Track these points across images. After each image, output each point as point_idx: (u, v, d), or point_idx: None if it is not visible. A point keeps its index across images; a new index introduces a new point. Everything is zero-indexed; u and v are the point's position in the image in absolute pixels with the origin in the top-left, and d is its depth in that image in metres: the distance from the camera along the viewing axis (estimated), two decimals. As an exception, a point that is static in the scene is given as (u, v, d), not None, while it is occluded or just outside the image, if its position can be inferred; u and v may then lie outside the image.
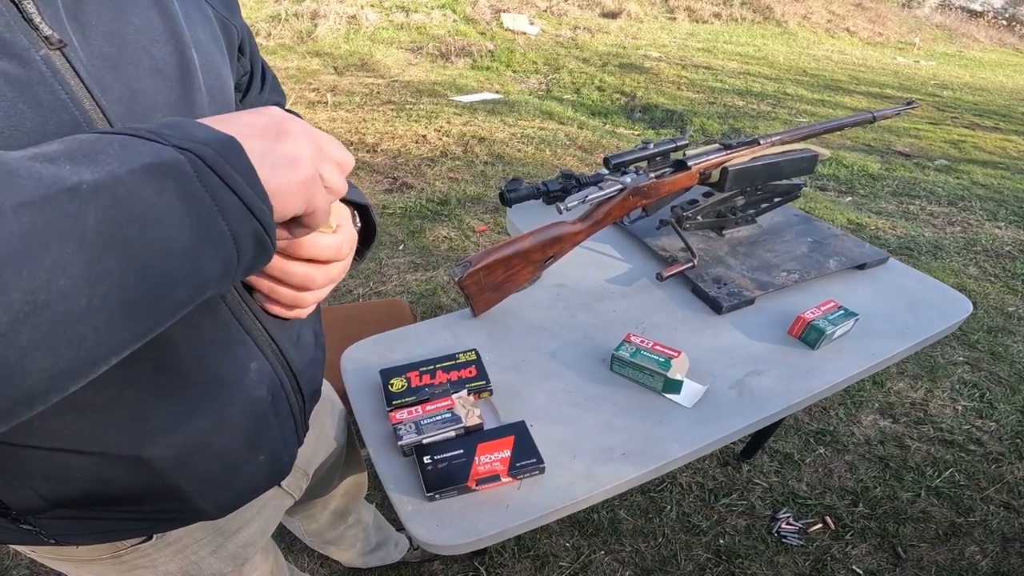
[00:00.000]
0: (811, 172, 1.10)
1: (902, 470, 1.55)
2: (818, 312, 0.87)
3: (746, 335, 0.87)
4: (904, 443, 1.62)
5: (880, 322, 0.92)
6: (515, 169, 3.25)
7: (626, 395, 0.76)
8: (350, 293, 2.18)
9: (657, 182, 0.94)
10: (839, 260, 1.04)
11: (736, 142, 1.02)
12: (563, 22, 7.72)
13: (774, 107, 5.04)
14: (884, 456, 1.58)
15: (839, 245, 1.09)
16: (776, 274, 0.99)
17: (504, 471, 0.63)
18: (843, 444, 1.61)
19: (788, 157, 1.03)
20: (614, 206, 0.90)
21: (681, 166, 0.97)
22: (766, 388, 0.78)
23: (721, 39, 8.08)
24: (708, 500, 1.46)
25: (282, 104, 0.62)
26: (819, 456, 1.58)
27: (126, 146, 0.25)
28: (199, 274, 0.28)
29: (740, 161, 1.00)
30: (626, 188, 0.89)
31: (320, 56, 6.08)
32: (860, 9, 10.69)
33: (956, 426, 1.69)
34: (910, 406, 1.76)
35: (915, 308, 0.96)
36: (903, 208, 3.14)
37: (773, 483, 1.51)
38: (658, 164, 0.96)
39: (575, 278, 0.98)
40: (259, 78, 0.57)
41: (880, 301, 0.97)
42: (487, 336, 0.85)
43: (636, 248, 1.08)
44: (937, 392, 1.81)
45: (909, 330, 0.91)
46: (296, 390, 0.53)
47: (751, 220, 1.14)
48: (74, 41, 0.33)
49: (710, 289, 0.93)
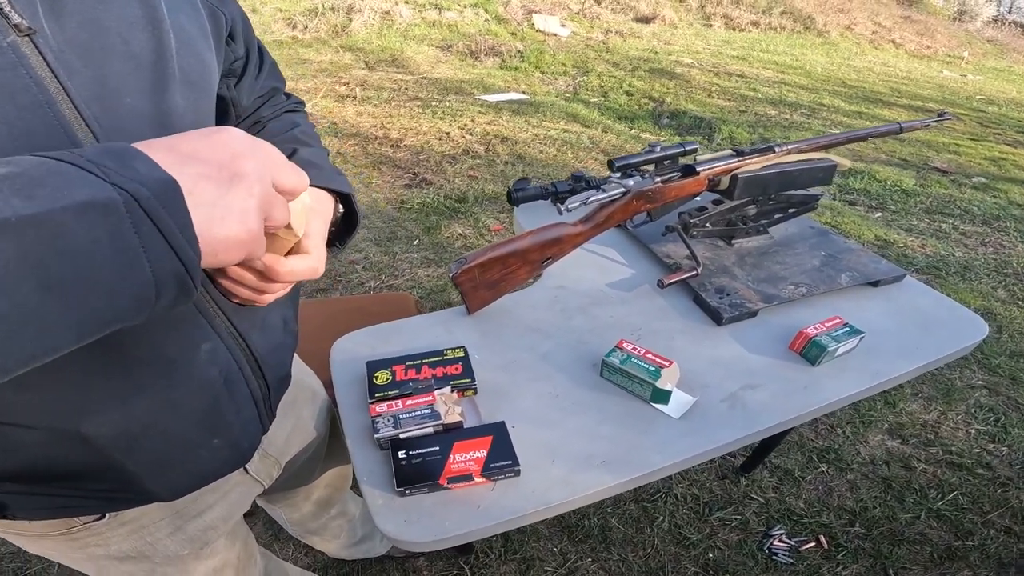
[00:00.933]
0: (829, 183, 1.06)
1: (904, 491, 1.51)
2: (821, 328, 0.84)
3: (745, 348, 0.84)
4: (910, 464, 1.58)
5: (888, 341, 0.88)
6: (535, 170, 3.23)
7: (614, 402, 0.74)
8: (362, 285, 2.20)
9: (663, 187, 0.92)
10: (852, 276, 1.00)
11: (749, 149, 1.00)
12: (595, 25, 7.67)
13: (808, 117, 4.92)
14: (888, 477, 1.54)
15: (853, 260, 1.05)
16: (783, 287, 0.95)
17: (478, 471, 0.63)
18: (847, 463, 1.58)
19: (803, 166, 1.00)
20: (617, 209, 0.88)
21: (689, 171, 0.95)
22: (760, 403, 0.76)
23: (757, 47, 7.92)
24: (702, 512, 1.43)
25: (280, 89, 0.62)
26: (820, 474, 1.54)
27: (66, 180, 0.26)
28: (114, 308, 0.28)
29: (751, 168, 0.97)
30: (629, 191, 0.87)
31: (353, 51, 6.18)
32: (908, 21, 10.37)
33: (966, 449, 1.65)
34: (921, 427, 1.71)
35: (927, 329, 0.92)
36: (935, 226, 3.03)
37: (770, 498, 1.47)
38: (665, 168, 0.94)
39: (575, 280, 0.97)
40: (255, 63, 0.57)
41: (891, 319, 0.93)
42: (480, 334, 0.84)
43: (640, 253, 1.06)
44: (951, 415, 1.76)
45: (917, 351, 0.87)
46: (258, 375, 0.53)
47: (762, 230, 1.11)
48: (46, 28, 0.34)
49: (712, 299, 0.90)
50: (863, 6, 10.61)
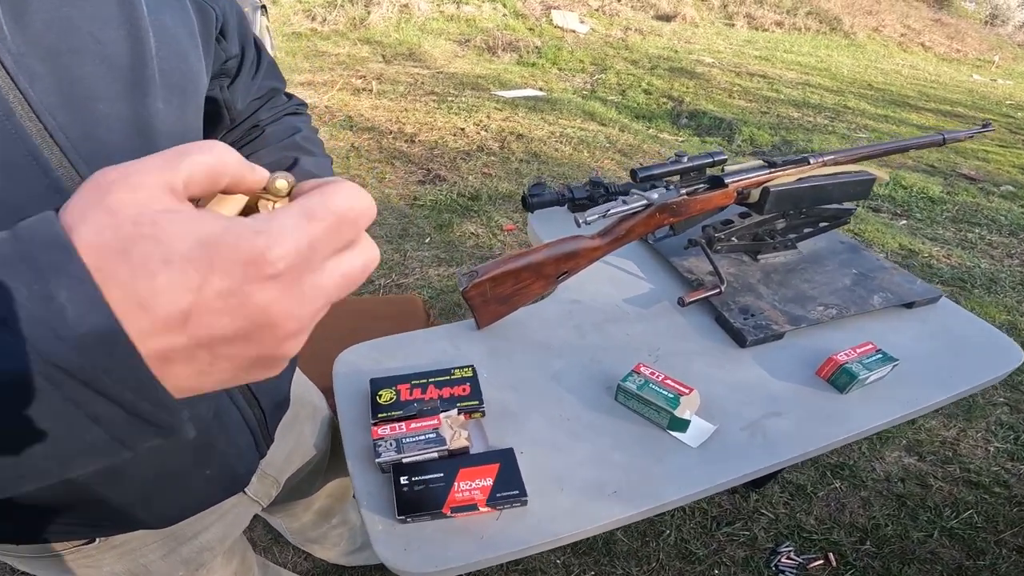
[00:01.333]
0: (865, 197, 1.01)
1: (919, 509, 1.47)
2: (853, 354, 0.79)
3: (769, 372, 0.80)
4: (927, 482, 1.54)
5: (920, 367, 0.83)
6: (550, 169, 3.18)
7: (628, 428, 0.70)
8: (371, 283, 2.17)
9: (688, 199, 0.87)
10: (885, 297, 0.95)
11: (782, 160, 0.94)
12: (614, 22, 7.57)
13: (832, 120, 4.80)
14: (902, 494, 1.50)
15: (887, 280, 0.99)
16: (811, 308, 0.90)
17: (483, 500, 0.59)
18: (861, 480, 1.53)
19: (839, 180, 0.94)
20: (638, 222, 0.84)
21: (717, 183, 0.90)
22: (782, 432, 0.71)
23: (781, 48, 7.77)
24: (709, 527, 1.39)
25: (280, 90, 0.58)
26: (833, 490, 1.50)
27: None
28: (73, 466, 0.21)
29: (784, 182, 0.92)
30: (652, 204, 0.82)
31: (370, 44, 6.15)
32: (939, 24, 10.12)
33: (985, 467, 1.60)
34: (939, 444, 1.66)
35: (960, 354, 0.86)
36: (961, 236, 2.93)
37: (780, 514, 1.43)
38: (691, 179, 0.89)
39: (591, 295, 0.93)
40: (252, 62, 0.53)
41: (924, 344, 0.88)
42: (489, 351, 0.80)
43: (660, 266, 1.01)
44: (971, 432, 1.71)
45: (951, 379, 0.82)
46: (253, 403, 0.49)
47: (791, 245, 1.05)
48: (4, 30, 0.30)
49: (735, 319, 0.85)
50: (892, 8, 10.38)
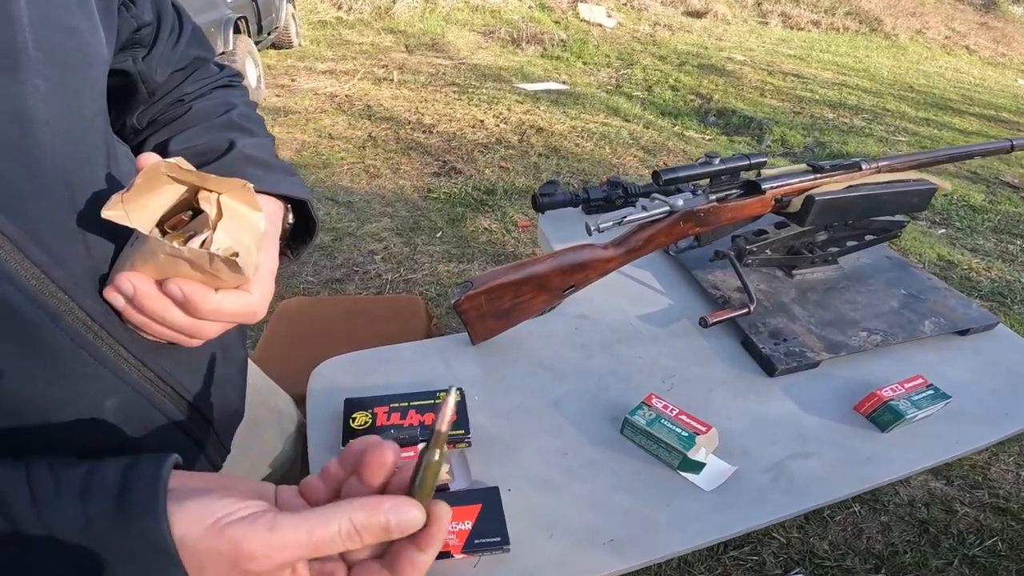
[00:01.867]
0: (923, 209, 0.89)
1: (941, 536, 1.36)
2: (900, 390, 0.68)
3: (800, 406, 0.70)
4: (952, 508, 1.44)
5: (973, 403, 0.72)
6: (570, 164, 3.08)
7: (633, 466, 0.61)
8: (379, 277, 2.11)
9: (718, 207, 0.77)
10: (937, 323, 0.83)
11: (830, 164, 0.83)
12: (643, 17, 7.38)
13: (869, 122, 4.58)
14: (925, 520, 1.40)
15: (940, 303, 0.88)
16: (853, 333, 0.79)
17: (458, 547, 0.51)
18: (883, 504, 1.43)
19: (895, 189, 0.83)
20: (659, 231, 0.74)
21: (753, 189, 0.79)
22: (810, 475, 0.62)
23: (817, 47, 7.49)
24: (716, 550, 1.30)
25: (207, 60, 0.50)
26: (852, 514, 1.40)
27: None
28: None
29: (831, 189, 0.81)
30: (676, 211, 0.73)
31: (394, 33, 6.09)
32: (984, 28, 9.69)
33: (1015, 492, 1.49)
34: (969, 468, 1.55)
35: (1018, 390, 0.75)
36: (1002, 247, 2.76)
37: (792, 539, 1.33)
38: (723, 184, 0.79)
39: (601, 310, 0.83)
40: (171, 30, 0.46)
41: (978, 376, 0.77)
42: (483, 370, 0.72)
43: (681, 280, 0.91)
44: (1003, 456, 1.60)
45: (1007, 417, 0.72)
46: (196, 418, 0.42)
47: (831, 260, 0.94)
48: None
49: (764, 345, 0.75)
50: (937, 10, 9.98)
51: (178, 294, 0.33)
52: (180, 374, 0.41)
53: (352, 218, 2.45)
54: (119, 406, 0.37)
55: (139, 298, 0.33)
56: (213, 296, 0.35)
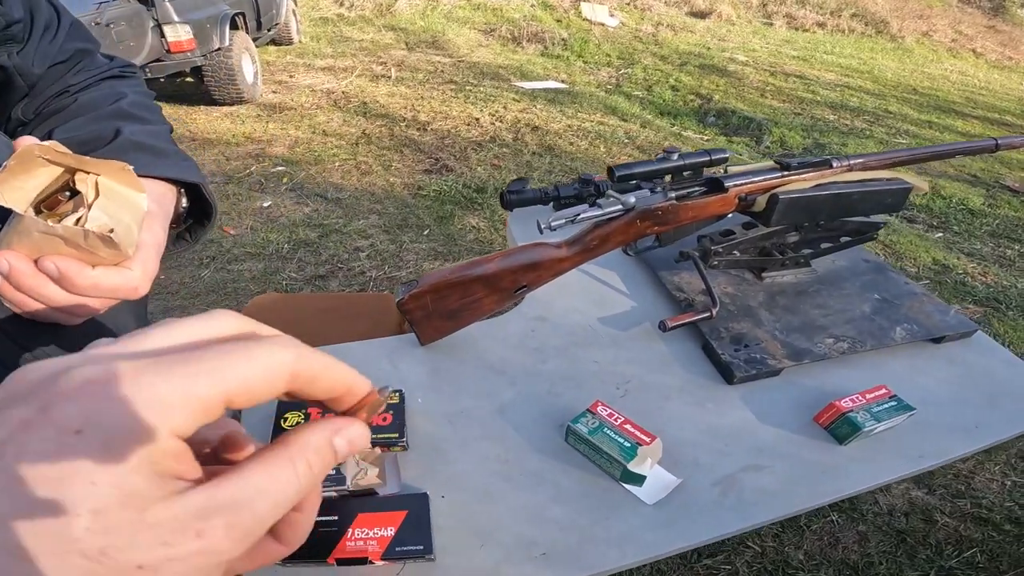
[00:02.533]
0: (899, 209, 0.86)
1: (919, 546, 1.33)
2: (860, 400, 0.66)
3: (757, 416, 0.67)
4: (932, 517, 1.41)
5: (942, 414, 0.69)
6: (563, 163, 3.05)
7: (575, 476, 0.59)
8: (363, 275, 2.09)
9: (677, 205, 0.74)
10: (910, 329, 0.80)
11: (798, 162, 0.80)
12: (645, 17, 7.33)
13: (871, 124, 4.53)
14: (904, 530, 1.37)
15: (915, 308, 0.84)
16: (819, 340, 0.76)
17: (377, 553, 0.49)
18: (861, 513, 1.40)
19: (867, 188, 0.80)
20: (615, 230, 0.71)
21: (716, 186, 0.76)
22: (762, 489, 0.59)
23: (821, 49, 7.42)
24: (689, 558, 1.27)
25: (91, 52, 0.50)
26: (829, 523, 1.37)
27: None
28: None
29: (797, 188, 0.78)
30: (630, 210, 0.70)
31: (395, 30, 6.08)
32: (992, 31, 9.60)
33: (997, 503, 1.46)
34: (953, 477, 1.52)
35: (995, 401, 0.72)
36: (999, 252, 2.71)
37: (767, 548, 1.30)
38: (685, 181, 0.76)
39: (561, 310, 0.81)
40: (45, 25, 0.46)
41: (951, 387, 0.74)
42: (430, 372, 0.69)
43: (647, 281, 0.88)
44: (988, 465, 1.56)
45: (977, 429, 0.69)
46: None
47: (803, 263, 0.91)
48: None
49: (725, 351, 0.72)
50: (945, 13, 9.90)
51: (53, 270, 0.33)
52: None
53: (340, 214, 2.43)
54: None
55: (15, 275, 0.33)
56: (90, 272, 0.34)
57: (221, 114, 3.56)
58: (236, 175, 2.76)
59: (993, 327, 2.07)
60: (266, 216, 2.42)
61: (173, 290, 1.98)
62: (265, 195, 2.59)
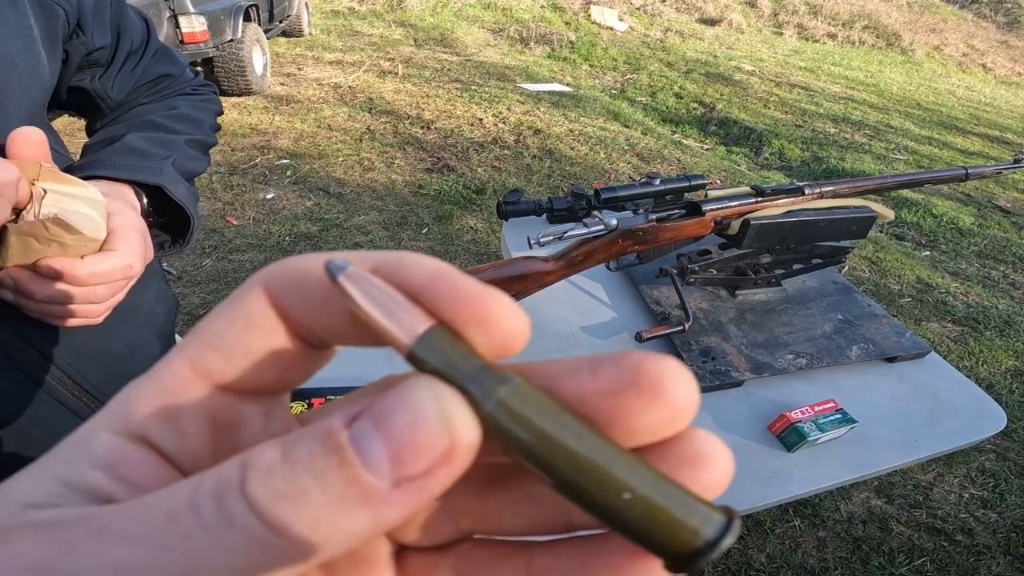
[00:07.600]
0: (863, 236, 0.93)
1: (872, 554, 1.40)
2: (808, 412, 0.73)
3: (717, 423, 0.74)
4: (888, 526, 1.47)
5: (885, 428, 0.76)
6: (562, 167, 3.11)
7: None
8: (364, 272, 2.15)
9: (657, 226, 0.81)
10: (864, 348, 0.87)
11: (772, 188, 0.87)
12: (655, 22, 7.37)
13: (870, 139, 4.59)
14: (860, 537, 1.43)
15: (873, 330, 0.91)
16: (781, 355, 0.83)
17: None
18: (822, 519, 1.47)
19: (833, 215, 0.87)
20: (598, 247, 0.78)
21: (694, 210, 0.83)
22: (714, 493, 0.66)
23: (829, 60, 7.47)
24: None
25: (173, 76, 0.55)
26: (791, 528, 1.44)
27: None
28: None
29: (768, 214, 0.85)
30: (612, 230, 0.77)
31: (405, 27, 6.12)
32: (1005, 47, 9.63)
33: (952, 514, 1.52)
34: (912, 488, 1.59)
35: (937, 418, 0.79)
36: (984, 272, 2.78)
37: (732, 550, 1.38)
38: (665, 204, 0.83)
39: (547, 318, 0.87)
40: (131, 50, 0.51)
41: (897, 403, 0.81)
42: (423, 369, 0.76)
43: (629, 294, 0.95)
44: (948, 477, 1.64)
45: (915, 443, 0.76)
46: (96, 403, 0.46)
47: (774, 282, 0.98)
48: None
49: (693, 362, 0.79)
50: (959, 27, 9.93)
51: (50, 270, 0.35)
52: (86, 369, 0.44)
53: (341, 210, 2.49)
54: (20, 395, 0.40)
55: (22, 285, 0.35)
56: (82, 262, 0.36)
57: (229, 105, 3.61)
58: (241, 166, 2.82)
59: (969, 346, 2.14)
60: (268, 208, 2.48)
61: (173, 278, 2.04)
62: (268, 187, 2.65)
